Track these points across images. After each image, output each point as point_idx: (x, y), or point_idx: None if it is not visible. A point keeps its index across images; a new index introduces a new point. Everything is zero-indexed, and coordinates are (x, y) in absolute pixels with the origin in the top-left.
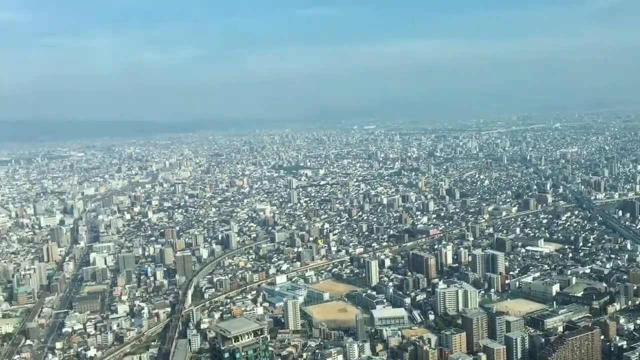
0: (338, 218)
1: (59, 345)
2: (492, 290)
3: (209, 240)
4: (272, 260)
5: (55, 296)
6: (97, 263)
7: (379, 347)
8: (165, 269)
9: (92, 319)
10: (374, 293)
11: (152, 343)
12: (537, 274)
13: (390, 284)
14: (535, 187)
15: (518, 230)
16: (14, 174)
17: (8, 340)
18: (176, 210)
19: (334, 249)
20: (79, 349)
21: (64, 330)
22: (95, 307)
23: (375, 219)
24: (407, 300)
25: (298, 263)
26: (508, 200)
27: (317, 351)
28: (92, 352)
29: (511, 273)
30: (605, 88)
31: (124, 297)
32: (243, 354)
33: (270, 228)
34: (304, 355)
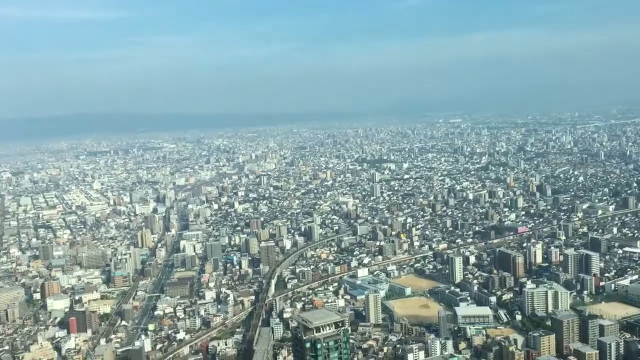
0: (421, 213)
1: (151, 327)
2: (585, 292)
3: (292, 231)
4: (354, 253)
5: (148, 280)
6: (186, 250)
7: (462, 345)
8: (250, 258)
9: (182, 303)
10: (458, 290)
11: (237, 329)
12: (636, 277)
13: (475, 281)
14: (635, 184)
15: (615, 230)
16: (112, 164)
17: (106, 320)
18: (261, 201)
19: (416, 243)
20: (170, 332)
21: (156, 313)
22: (185, 292)
23: (460, 215)
24: (493, 299)
25: (380, 257)
26: (605, 198)
27: (397, 346)
28: (181, 335)
29: (606, 275)
30: None
31: (211, 284)
32: (324, 344)
33: (352, 221)
34: (385, 349)
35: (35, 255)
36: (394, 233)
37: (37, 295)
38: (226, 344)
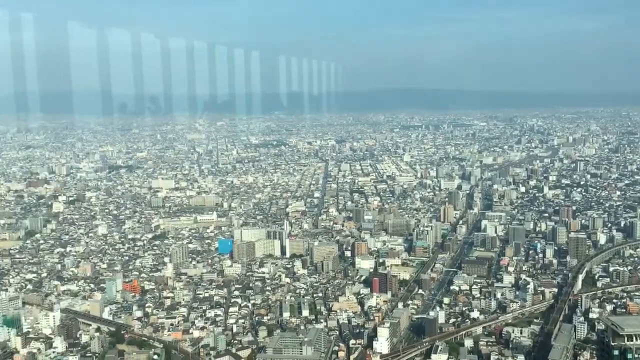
0: None
1: (446, 300)
2: None
3: (609, 225)
4: None
5: (447, 255)
6: (487, 230)
7: None
8: (555, 247)
9: (478, 283)
10: None
11: (534, 320)
12: None
13: None
14: None
15: None
16: (422, 139)
17: (404, 285)
18: (575, 188)
19: None
20: (464, 309)
21: (451, 287)
22: (482, 272)
23: None
24: None
25: None
26: None
27: None
28: (475, 314)
29: None
30: None
31: (510, 269)
32: (636, 355)
33: None
34: None
35: (349, 217)
36: None
37: (348, 253)
38: (521, 332)
